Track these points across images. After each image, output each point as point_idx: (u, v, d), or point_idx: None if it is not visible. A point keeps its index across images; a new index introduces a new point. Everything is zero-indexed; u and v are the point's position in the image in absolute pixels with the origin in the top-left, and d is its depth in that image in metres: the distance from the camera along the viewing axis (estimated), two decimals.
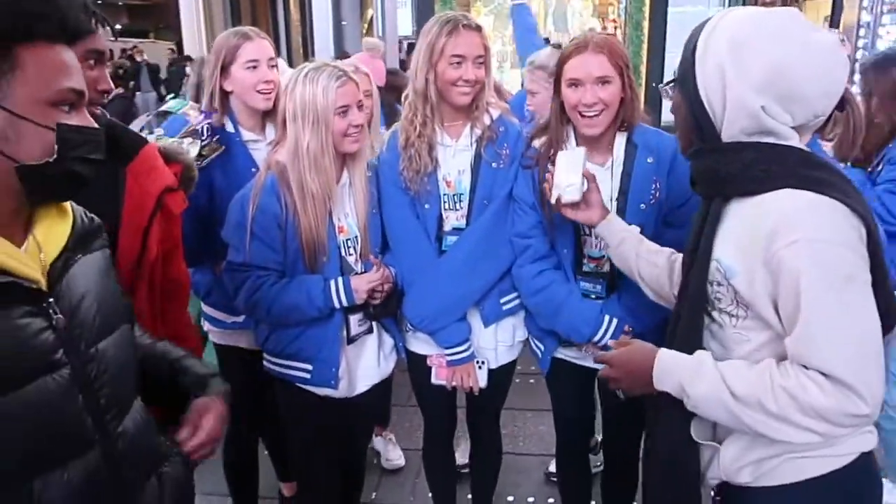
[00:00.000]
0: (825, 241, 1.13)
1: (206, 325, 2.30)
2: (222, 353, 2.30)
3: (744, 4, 10.60)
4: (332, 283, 1.91)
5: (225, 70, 2.11)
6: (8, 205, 0.95)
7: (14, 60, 0.91)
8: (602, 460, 2.46)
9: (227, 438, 2.36)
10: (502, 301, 2.09)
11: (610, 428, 2.21)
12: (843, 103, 1.99)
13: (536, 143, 1.98)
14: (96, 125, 1.01)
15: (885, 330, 1.20)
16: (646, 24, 9.75)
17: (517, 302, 2.11)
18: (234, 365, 2.25)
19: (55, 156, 0.94)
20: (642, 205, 1.88)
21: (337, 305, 1.92)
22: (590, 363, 2.05)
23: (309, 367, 1.99)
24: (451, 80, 1.92)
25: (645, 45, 9.27)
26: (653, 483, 1.49)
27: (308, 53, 12.21)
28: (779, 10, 1.24)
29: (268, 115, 2.19)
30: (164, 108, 2.19)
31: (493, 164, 1.99)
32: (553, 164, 1.83)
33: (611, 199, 1.90)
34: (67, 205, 1.06)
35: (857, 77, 2.68)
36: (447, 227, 2.04)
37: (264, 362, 2.07)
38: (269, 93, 2.13)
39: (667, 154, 1.89)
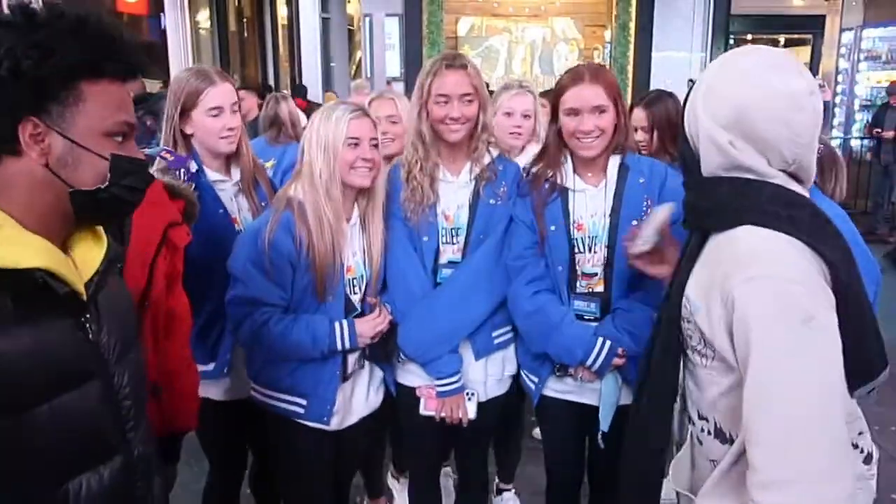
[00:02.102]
0: (781, 279, 1.10)
1: None
2: None
3: (726, 47, 10.90)
4: (338, 326, 1.92)
5: (185, 114, 2.04)
6: (58, 227, 1.03)
7: (79, 94, 0.97)
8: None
9: (206, 488, 2.31)
10: (494, 335, 2.11)
11: (596, 459, 2.21)
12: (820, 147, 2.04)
13: (534, 168, 2.05)
14: (143, 156, 1.08)
15: (864, 375, 1.17)
16: (630, 68, 9.98)
17: (509, 336, 2.14)
18: (206, 416, 2.10)
19: (106, 183, 1.00)
20: (634, 221, 1.94)
21: (339, 348, 1.93)
22: (582, 399, 2.07)
23: (303, 401, 1.98)
24: (439, 119, 1.99)
25: (629, 89, 9.44)
26: None
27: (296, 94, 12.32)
28: (755, 53, 1.27)
29: (232, 157, 2.14)
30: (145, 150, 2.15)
31: (491, 201, 2.05)
32: (548, 186, 1.96)
33: (604, 216, 1.97)
34: (101, 230, 1.12)
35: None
36: (443, 260, 2.07)
37: (253, 393, 2.05)
38: (233, 137, 2.08)
39: (658, 176, 1.99)
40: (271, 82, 12.63)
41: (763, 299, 1.09)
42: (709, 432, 1.29)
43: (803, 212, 1.18)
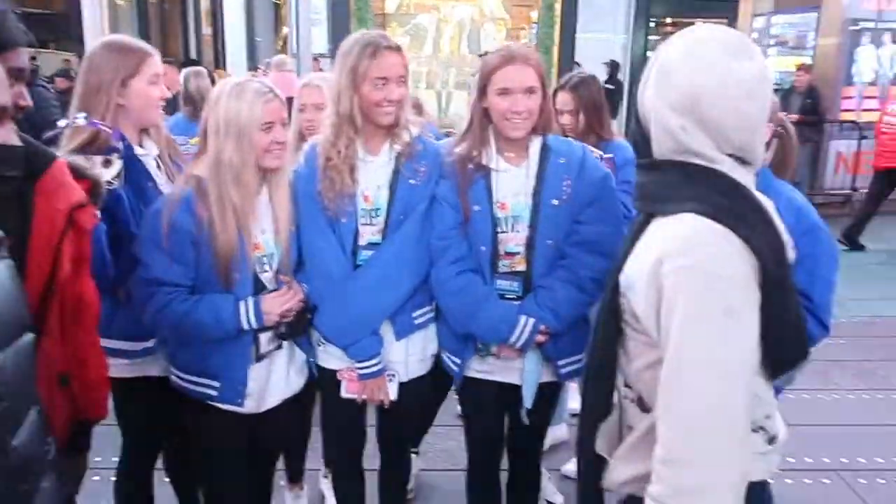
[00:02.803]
0: (709, 271, 1.13)
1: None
2: (125, 388, 2.10)
3: (646, 30, 11.17)
4: (242, 304, 1.89)
5: (124, 83, 2.00)
6: None
7: None
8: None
9: (119, 473, 2.26)
10: (414, 315, 2.12)
11: (516, 435, 2.26)
12: (780, 132, 2.00)
13: (458, 148, 2.05)
14: (16, 142, 1.00)
15: (782, 364, 1.24)
16: (555, 48, 10.12)
17: (429, 316, 2.15)
18: (143, 397, 2.11)
19: None
20: (555, 201, 1.98)
21: (246, 327, 1.90)
22: (503, 378, 2.11)
23: (216, 384, 1.95)
24: (375, 102, 1.95)
25: (554, 69, 9.57)
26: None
27: (221, 71, 11.97)
28: (714, 36, 1.25)
29: (145, 130, 2.12)
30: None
31: (411, 181, 2.04)
32: (472, 166, 1.96)
33: (526, 195, 2.00)
34: None
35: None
36: (362, 242, 2.06)
37: (171, 377, 2.01)
38: (161, 108, 2.10)
39: (576, 157, 2.03)
40: (193, 56, 12.22)
41: (690, 289, 1.13)
42: (632, 400, 1.34)
43: (744, 203, 1.21)
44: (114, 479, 2.26)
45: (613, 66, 10.01)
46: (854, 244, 6.81)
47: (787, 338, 1.22)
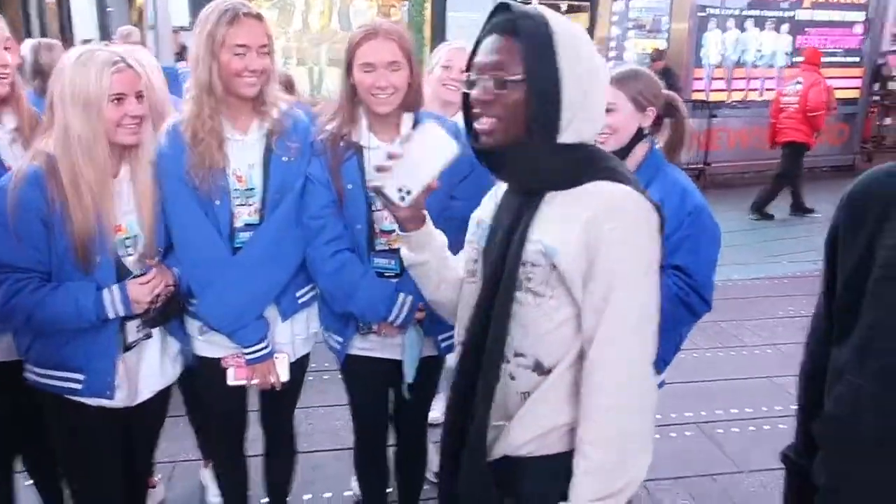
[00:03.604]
0: (639, 230, 1.27)
1: None
2: None
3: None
4: (107, 292, 1.77)
5: None
6: None
7: None
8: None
9: None
10: (298, 294, 2.09)
11: (401, 410, 2.29)
12: (672, 111, 2.10)
13: (329, 126, 2.00)
14: None
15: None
16: (427, 27, 10.15)
17: (312, 294, 2.13)
18: None
19: None
20: None
21: (112, 317, 1.78)
22: (385, 354, 2.11)
23: (80, 376, 1.82)
24: (235, 72, 1.87)
25: (426, 47, 9.59)
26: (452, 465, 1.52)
27: (67, 43, 11.07)
28: (569, 23, 1.32)
29: (2, 101, 1.99)
30: None
31: (284, 158, 1.98)
32: (343, 144, 1.95)
33: None
34: None
35: None
36: (239, 224, 1.99)
37: (26, 373, 1.86)
38: (10, 78, 1.96)
39: (449, 133, 1.99)
40: (35, 28, 11.22)
41: (626, 247, 1.25)
42: (525, 367, 1.38)
43: (628, 171, 1.36)
44: None
45: None
46: (803, 209, 7.63)
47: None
